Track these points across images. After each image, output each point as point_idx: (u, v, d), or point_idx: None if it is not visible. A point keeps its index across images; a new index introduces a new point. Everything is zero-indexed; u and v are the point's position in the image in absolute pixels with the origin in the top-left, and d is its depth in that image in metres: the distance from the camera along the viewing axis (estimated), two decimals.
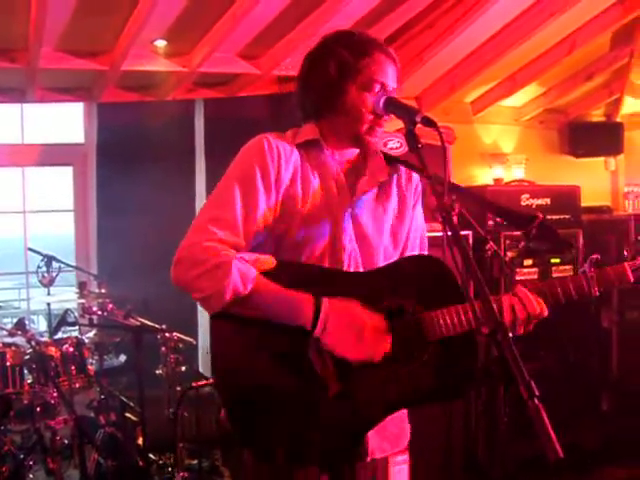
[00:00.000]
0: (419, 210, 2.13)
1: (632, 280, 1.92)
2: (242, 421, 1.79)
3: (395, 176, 2.07)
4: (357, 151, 2.04)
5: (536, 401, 1.24)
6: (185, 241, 1.81)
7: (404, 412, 2.05)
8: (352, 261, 1.93)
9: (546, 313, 1.86)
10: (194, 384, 4.08)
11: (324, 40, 2.02)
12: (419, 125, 1.68)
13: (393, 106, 1.80)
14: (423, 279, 1.88)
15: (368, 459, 1.93)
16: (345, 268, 1.92)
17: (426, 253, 2.14)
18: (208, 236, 1.78)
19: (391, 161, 2.06)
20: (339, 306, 1.77)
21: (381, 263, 1.97)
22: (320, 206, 1.92)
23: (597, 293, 1.90)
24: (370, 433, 1.87)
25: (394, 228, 2.04)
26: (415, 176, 2.10)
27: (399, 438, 2.04)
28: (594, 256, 1.96)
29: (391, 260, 2.00)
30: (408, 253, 2.09)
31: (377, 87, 1.89)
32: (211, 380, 3.99)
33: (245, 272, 1.75)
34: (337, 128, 1.96)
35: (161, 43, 4.51)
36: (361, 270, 1.94)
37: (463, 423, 4.35)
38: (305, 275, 1.85)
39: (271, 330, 1.77)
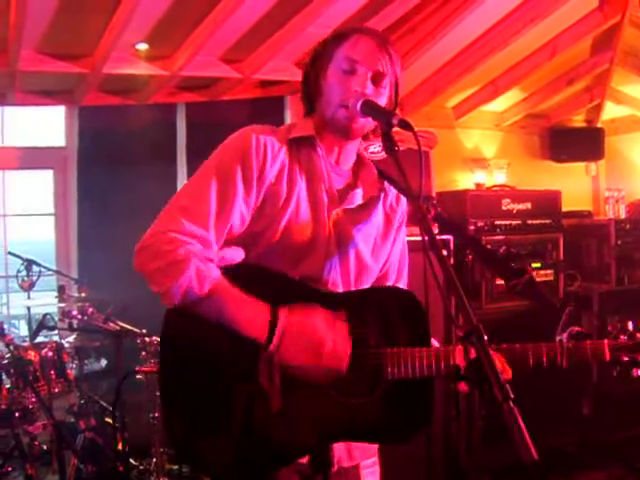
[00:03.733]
0: (402, 234, 2.08)
1: (608, 359, 1.86)
2: (177, 425, 1.74)
3: (383, 194, 2.01)
4: (352, 161, 1.98)
5: (511, 404, 1.23)
6: (152, 227, 1.75)
7: None
8: (332, 273, 1.87)
9: (509, 376, 1.79)
10: (137, 368, 4.02)
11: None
12: (396, 128, 1.65)
13: (370, 108, 1.74)
14: (393, 312, 1.80)
15: (334, 468, 1.84)
16: (323, 276, 1.85)
17: (401, 285, 2.08)
18: (175, 226, 1.71)
19: (383, 177, 2.00)
20: (298, 320, 1.69)
21: (354, 281, 1.92)
22: (304, 209, 1.84)
23: (566, 366, 1.84)
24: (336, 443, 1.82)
25: (376, 245, 1.98)
26: (403, 199, 2.04)
27: (369, 446, 1.98)
28: (575, 328, 1.91)
29: (368, 277, 1.95)
30: (386, 278, 2.04)
31: (352, 65, 1.83)
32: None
33: (204, 272, 1.68)
34: (321, 116, 1.90)
35: (143, 46, 4.50)
36: (339, 280, 1.88)
37: (443, 428, 4.36)
38: (267, 281, 1.77)
39: (224, 333, 1.69)
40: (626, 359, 1.88)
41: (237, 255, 1.81)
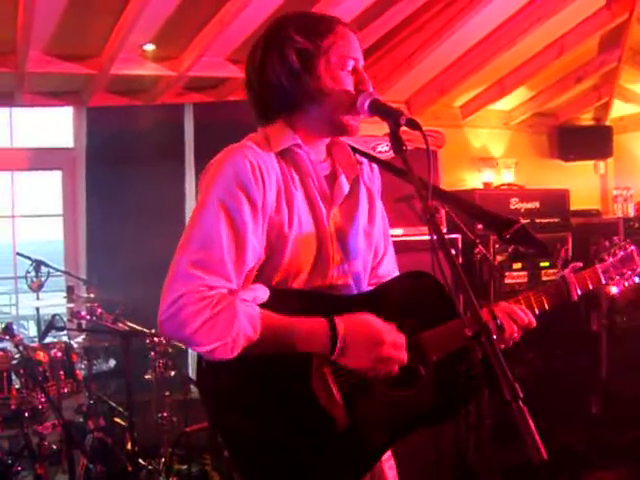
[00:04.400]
0: (380, 203, 2.03)
1: (603, 282, 2.05)
2: (249, 465, 1.69)
3: (360, 167, 1.94)
4: (324, 148, 1.89)
5: (520, 403, 1.23)
6: (168, 293, 1.58)
7: None
8: (340, 274, 1.84)
9: (534, 323, 1.87)
10: (187, 429, 4.03)
11: (274, 28, 1.82)
12: (404, 128, 1.63)
13: (378, 108, 1.70)
14: (417, 297, 1.83)
15: None
16: (334, 280, 1.82)
17: (389, 254, 2.06)
18: (197, 284, 1.57)
19: (355, 151, 1.93)
20: (355, 323, 1.67)
21: (362, 269, 1.90)
22: (306, 222, 1.78)
23: (576, 298, 1.98)
24: None
25: (367, 229, 1.94)
26: (375, 167, 2.00)
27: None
28: (577, 264, 2.03)
29: (367, 266, 1.94)
30: (376, 255, 2.01)
31: (350, 63, 1.77)
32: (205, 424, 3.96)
33: (252, 314, 1.61)
34: (314, 118, 1.79)
35: (150, 47, 4.51)
36: (350, 282, 1.86)
37: (452, 427, 4.35)
38: (304, 302, 1.74)
39: (269, 368, 1.66)
40: (617, 277, 2.09)
41: (264, 293, 1.71)
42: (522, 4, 4.68)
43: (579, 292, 2.00)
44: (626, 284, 2.11)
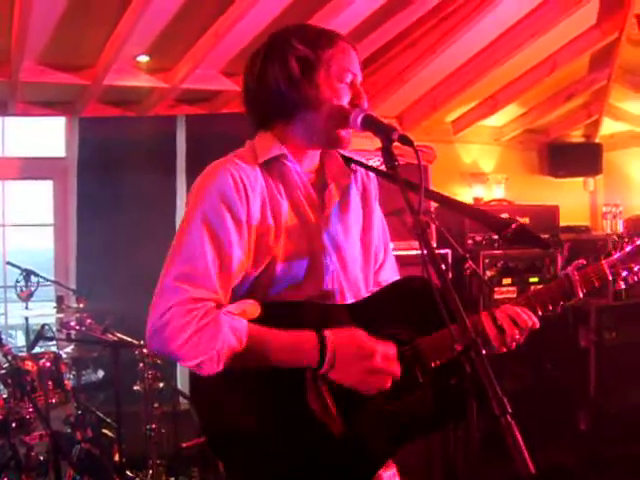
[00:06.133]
0: (378, 209, 2.02)
1: (610, 277, 1.91)
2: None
3: (353, 177, 1.94)
4: (317, 158, 1.90)
5: (508, 418, 1.24)
6: (155, 308, 1.60)
7: None
8: (335, 280, 1.83)
9: (538, 324, 1.83)
10: (184, 445, 4.04)
11: (276, 37, 1.85)
12: (396, 143, 1.65)
13: (370, 123, 1.71)
14: (413, 302, 1.79)
15: None
16: (329, 287, 1.81)
17: (389, 261, 2.05)
18: (183, 297, 1.59)
19: (349, 161, 1.93)
20: (344, 337, 1.66)
21: (359, 275, 1.89)
22: (295, 232, 1.78)
23: (581, 295, 1.89)
24: None
25: (362, 236, 1.94)
26: (372, 174, 2.00)
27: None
28: (580, 261, 1.94)
29: (362, 270, 1.92)
30: (376, 259, 1.99)
31: (349, 76, 1.78)
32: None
33: (236, 326, 1.61)
34: (307, 127, 1.79)
35: (144, 58, 4.53)
36: (346, 290, 1.84)
37: (441, 439, 4.35)
38: (295, 314, 1.73)
39: (265, 380, 1.66)
40: (624, 272, 1.94)
41: (253, 307, 1.70)
42: (514, 21, 4.73)
43: (584, 290, 1.90)
44: (636, 279, 1.96)
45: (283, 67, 1.77)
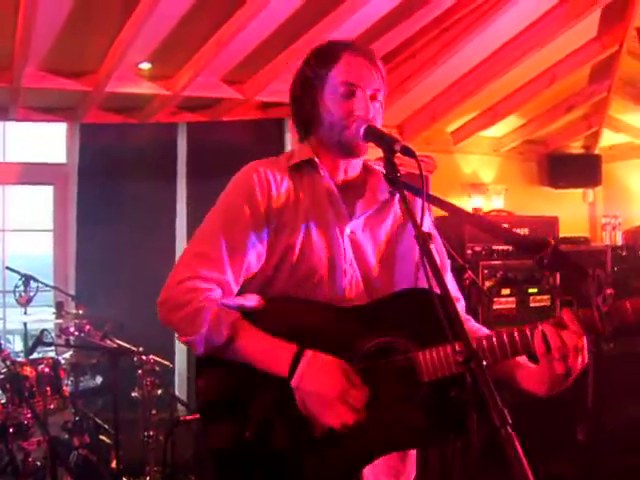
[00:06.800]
0: (428, 222, 2.00)
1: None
2: (227, 464, 1.76)
3: (397, 195, 1.89)
4: (358, 172, 1.96)
5: (508, 429, 1.24)
6: (170, 279, 1.75)
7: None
8: (353, 287, 1.84)
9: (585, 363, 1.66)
10: (182, 418, 4.06)
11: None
12: (398, 154, 1.66)
13: (372, 134, 1.74)
14: (416, 314, 1.75)
15: None
16: (347, 294, 1.82)
17: (448, 277, 1.97)
18: (192, 274, 1.72)
19: (393, 182, 1.87)
20: (322, 361, 1.67)
21: (383, 286, 1.87)
22: (315, 234, 1.83)
23: (607, 333, 1.64)
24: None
25: (396, 247, 1.93)
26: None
27: (401, 472, 1.89)
28: (608, 290, 1.74)
29: (393, 282, 1.89)
30: (415, 274, 1.94)
31: (349, 88, 1.81)
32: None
33: (222, 318, 1.69)
34: (323, 139, 1.89)
35: (146, 66, 4.54)
36: (363, 296, 1.84)
37: (438, 451, 4.34)
38: (293, 311, 1.78)
39: (257, 374, 1.70)
40: None
41: (253, 302, 1.78)
42: (515, 33, 4.75)
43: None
44: None
45: (291, 87, 1.95)
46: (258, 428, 1.71)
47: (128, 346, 4.17)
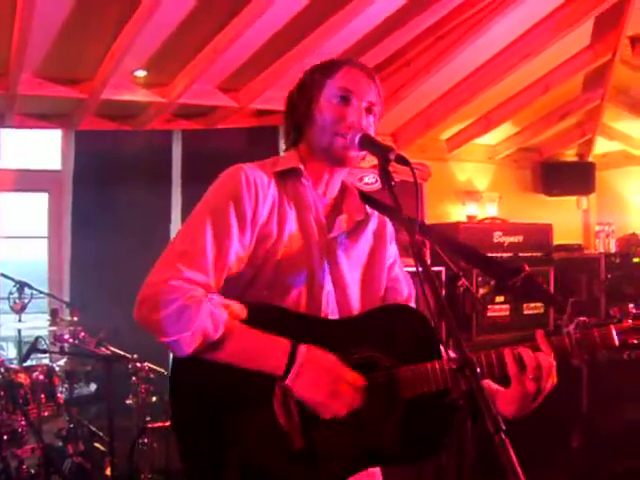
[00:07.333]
0: (395, 250, 2.04)
1: (617, 344, 1.74)
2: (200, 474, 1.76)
3: (368, 217, 1.98)
4: (337, 189, 1.95)
5: (502, 435, 1.25)
6: (150, 278, 1.68)
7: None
8: (330, 303, 1.84)
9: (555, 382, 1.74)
10: (149, 426, 4.08)
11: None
12: (393, 163, 1.66)
13: (367, 143, 1.75)
14: (398, 331, 1.77)
15: None
16: (323, 309, 1.82)
17: (405, 299, 2.01)
18: (175, 273, 1.66)
19: (367, 200, 1.99)
20: (316, 355, 1.66)
21: (355, 305, 1.89)
22: (297, 244, 1.82)
23: (576, 363, 1.71)
24: None
25: (367, 270, 1.95)
26: (386, 220, 2.03)
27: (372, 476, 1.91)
28: (581, 319, 1.81)
29: (362, 304, 1.91)
30: (397, 293, 1.99)
31: (345, 96, 1.84)
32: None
33: (216, 314, 1.65)
34: (313, 146, 1.88)
35: (141, 73, 4.55)
36: (336, 312, 1.85)
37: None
38: (276, 319, 1.74)
39: (236, 379, 1.68)
40: (635, 342, 1.78)
41: (239, 308, 1.75)
42: (509, 42, 4.78)
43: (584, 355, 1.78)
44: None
45: (289, 94, 1.96)
46: (239, 439, 1.69)
47: (122, 353, 4.17)
